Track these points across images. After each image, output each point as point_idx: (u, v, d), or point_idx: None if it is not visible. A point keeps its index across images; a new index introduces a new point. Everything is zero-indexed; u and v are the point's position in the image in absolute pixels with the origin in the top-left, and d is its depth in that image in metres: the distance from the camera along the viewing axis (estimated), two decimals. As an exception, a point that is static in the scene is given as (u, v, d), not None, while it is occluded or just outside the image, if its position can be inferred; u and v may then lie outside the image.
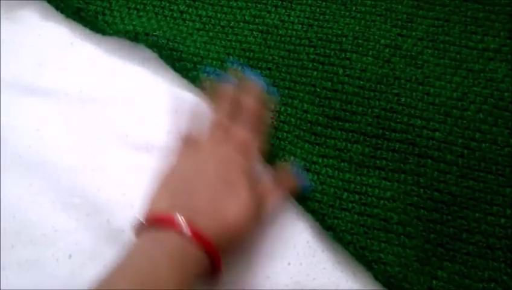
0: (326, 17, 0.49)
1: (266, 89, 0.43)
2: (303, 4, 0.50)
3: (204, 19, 0.50)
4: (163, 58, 0.48)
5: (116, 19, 0.50)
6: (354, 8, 0.49)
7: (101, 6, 0.51)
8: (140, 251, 0.33)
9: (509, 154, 0.41)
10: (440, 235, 0.39)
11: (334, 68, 0.46)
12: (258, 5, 0.50)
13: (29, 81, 0.50)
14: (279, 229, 0.41)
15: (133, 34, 0.49)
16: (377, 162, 0.42)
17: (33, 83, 0.50)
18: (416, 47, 0.46)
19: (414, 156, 0.42)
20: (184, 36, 0.49)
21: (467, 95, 0.44)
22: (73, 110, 0.48)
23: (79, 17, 0.51)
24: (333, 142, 0.43)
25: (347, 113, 0.44)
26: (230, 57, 0.47)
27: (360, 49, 0.47)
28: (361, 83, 0.45)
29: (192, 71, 0.47)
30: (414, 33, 0.47)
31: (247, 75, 0.44)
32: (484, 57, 0.45)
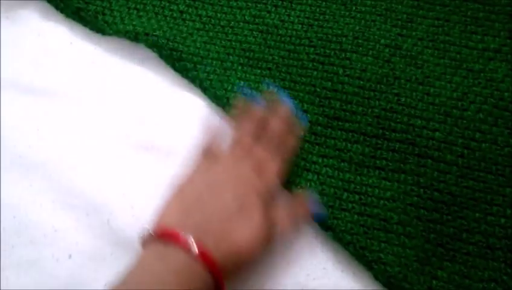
0: (326, 17, 0.49)
1: (297, 115, 0.43)
2: (303, 4, 0.50)
3: (204, 19, 0.50)
4: (163, 58, 0.48)
5: (116, 18, 0.50)
6: (354, 8, 0.49)
7: (100, 6, 0.51)
8: (145, 267, 0.33)
9: (509, 154, 0.41)
10: (440, 235, 0.39)
11: (334, 68, 0.46)
12: (258, 5, 0.50)
13: (29, 81, 0.50)
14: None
15: (133, 34, 0.49)
16: (377, 162, 0.42)
17: (33, 83, 0.50)
18: (416, 47, 0.46)
19: (414, 156, 0.42)
20: (184, 36, 0.49)
21: (467, 95, 0.44)
22: (73, 110, 0.48)
23: (79, 17, 0.51)
24: (333, 142, 0.43)
25: (347, 113, 0.44)
26: (265, 80, 0.46)
27: (360, 49, 0.47)
28: (361, 83, 0.45)
29: (192, 71, 0.47)
30: (414, 33, 0.47)
31: (280, 99, 0.43)
32: (484, 57, 0.45)
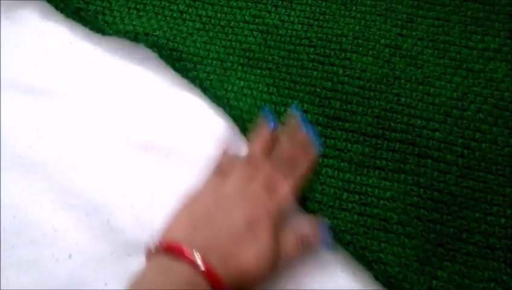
0: (326, 17, 0.49)
1: (314, 140, 0.42)
2: (303, 4, 0.50)
3: (204, 19, 0.50)
4: (163, 58, 0.48)
5: (116, 18, 0.50)
6: (354, 8, 0.49)
7: (100, 6, 0.51)
8: (149, 279, 0.34)
9: (509, 154, 0.41)
10: (440, 235, 0.39)
11: (334, 68, 0.46)
12: (258, 5, 0.50)
13: (29, 81, 0.50)
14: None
15: (133, 34, 0.49)
16: (377, 162, 0.42)
17: (33, 83, 0.50)
18: (416, 47, 0.46)
19: (414, 156, 0.42)
20: (184, 36, 0.49)
21: (467, 95, 0.44)
22: (73, 110, 0.48)
23: (79, 17, 0.51)
24: (333, 142, 0.43)
25: (347, 113, 0.44)
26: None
27: (360, 49, 0.47)
28: (361, 83, 0.45)
29: (192, 71, 0.47)
30: (414, 33, 0.47)
31: (300, 122, 0.43)
32: (484, 57, 0.45)
